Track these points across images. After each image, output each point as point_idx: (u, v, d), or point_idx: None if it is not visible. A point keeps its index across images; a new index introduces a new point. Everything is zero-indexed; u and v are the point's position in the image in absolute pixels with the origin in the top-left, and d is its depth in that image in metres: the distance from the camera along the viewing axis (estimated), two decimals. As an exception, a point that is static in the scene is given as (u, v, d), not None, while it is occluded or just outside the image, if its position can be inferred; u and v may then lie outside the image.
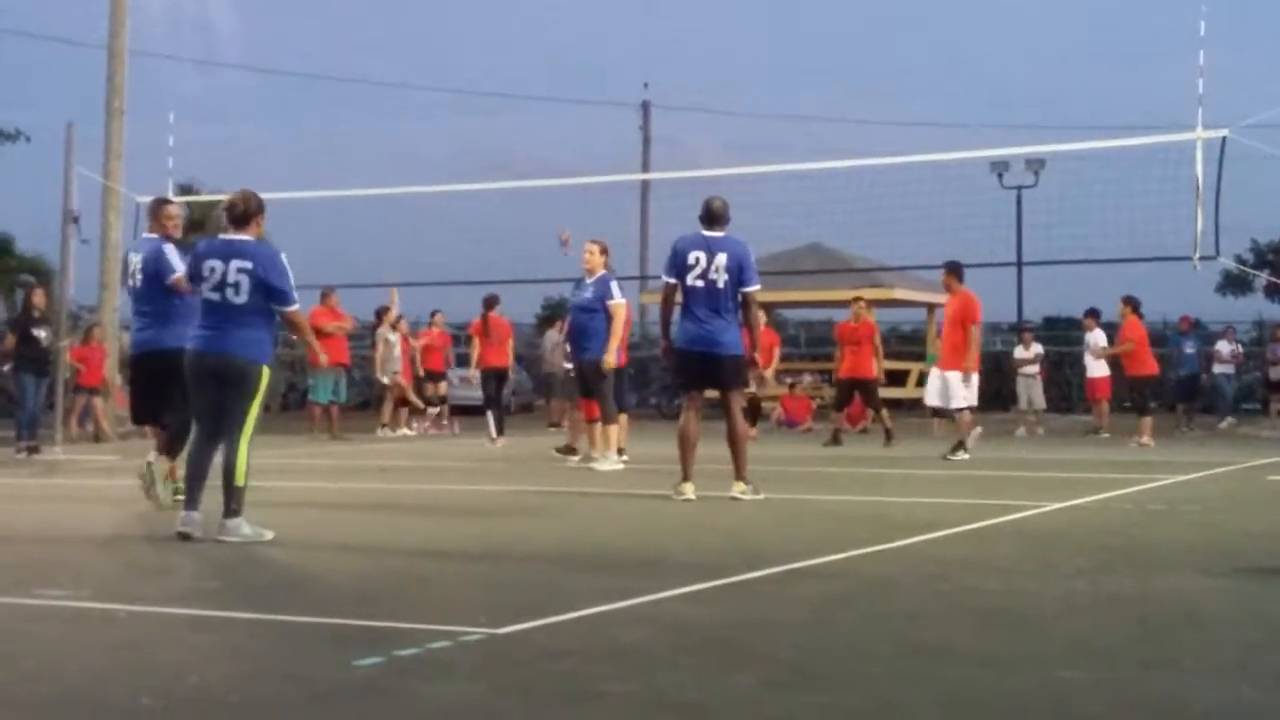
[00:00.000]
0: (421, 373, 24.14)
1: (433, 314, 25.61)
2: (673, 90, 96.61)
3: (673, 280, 10.69)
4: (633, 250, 44.82)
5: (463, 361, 30.63)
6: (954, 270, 16.42)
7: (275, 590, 6.71)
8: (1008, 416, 26.26)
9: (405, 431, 23.23)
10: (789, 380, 27.84)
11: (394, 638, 5.19)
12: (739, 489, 10.62)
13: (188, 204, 18.53)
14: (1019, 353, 25.38)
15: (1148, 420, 19.59)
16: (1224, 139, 15.44)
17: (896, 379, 28.56)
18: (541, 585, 6.69)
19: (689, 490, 10.61)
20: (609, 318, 14.39)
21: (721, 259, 10.49)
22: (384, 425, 22.91)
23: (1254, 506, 10.88)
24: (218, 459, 8.33)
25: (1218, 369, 27.91)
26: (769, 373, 20.35)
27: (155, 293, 10.19)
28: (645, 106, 50.28)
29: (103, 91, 22.85)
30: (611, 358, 14.25)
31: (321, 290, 22.56)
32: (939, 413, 18.55)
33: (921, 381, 26.11)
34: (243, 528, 8.06)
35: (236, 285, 8.22)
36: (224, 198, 8.75)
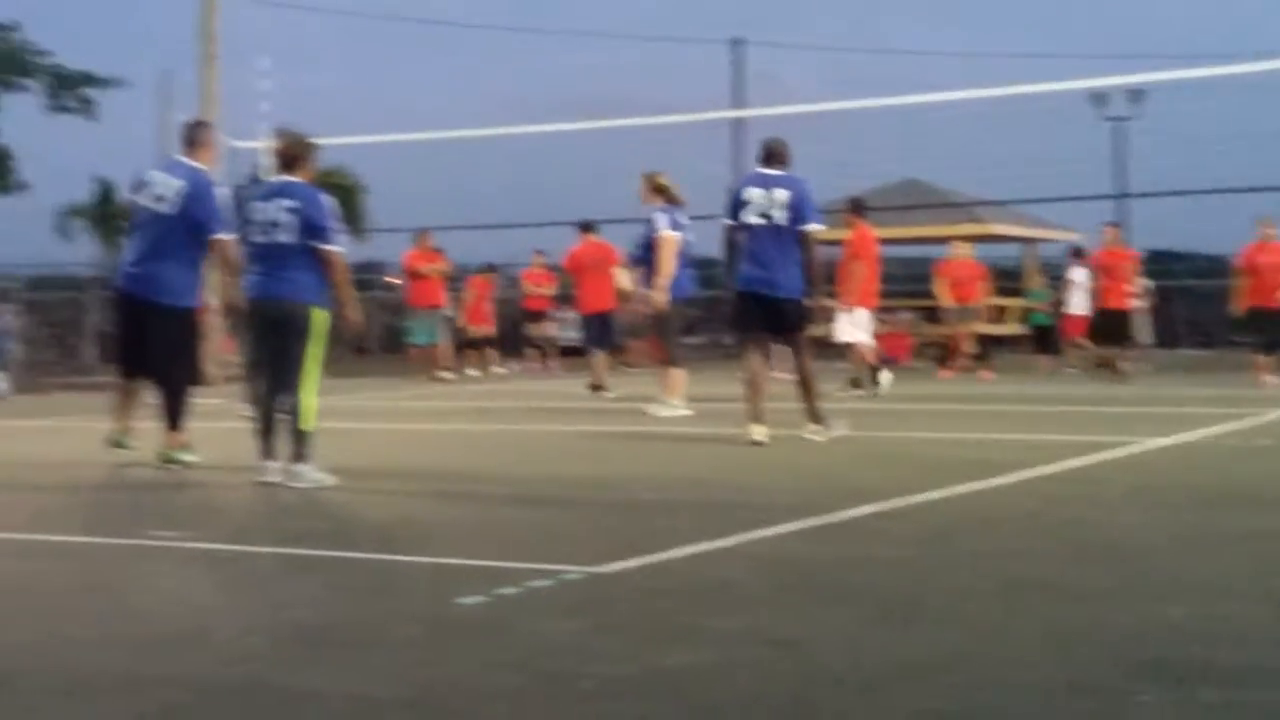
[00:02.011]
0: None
1: (535, 253, 25.70)
2: (766, 25, 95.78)
3: (731, 221, 10.30)
4: (724, 190, 44.66)
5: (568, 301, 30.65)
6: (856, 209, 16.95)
7: (377, 531, 6.78)
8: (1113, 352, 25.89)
9: (498, 370, 23.38)
10: (883, 317, 27.63)
11: (495, 576, 5.23)
12: (810, 429, 10.31)
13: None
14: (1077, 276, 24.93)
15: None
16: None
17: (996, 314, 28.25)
18: (640, 525, 6.71)
19: (757, 432, 10.07)
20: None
21: (781, 195, 10.10)
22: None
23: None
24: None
25: None
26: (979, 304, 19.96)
27: (176, 230, 8.97)
28: (737, 43, 49.83)
29: (196, 38, 23.02)
30: (658, 295, 13.53)
31: (416, 232, 22.69)
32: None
33: (1023, 319, 25.86)
34: (311, 473, 7.98)
35: (282, 224, 8.13)
36: (317, 142, 8.61)
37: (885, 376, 16.28)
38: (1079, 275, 22.22)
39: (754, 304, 10.23)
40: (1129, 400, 14.96)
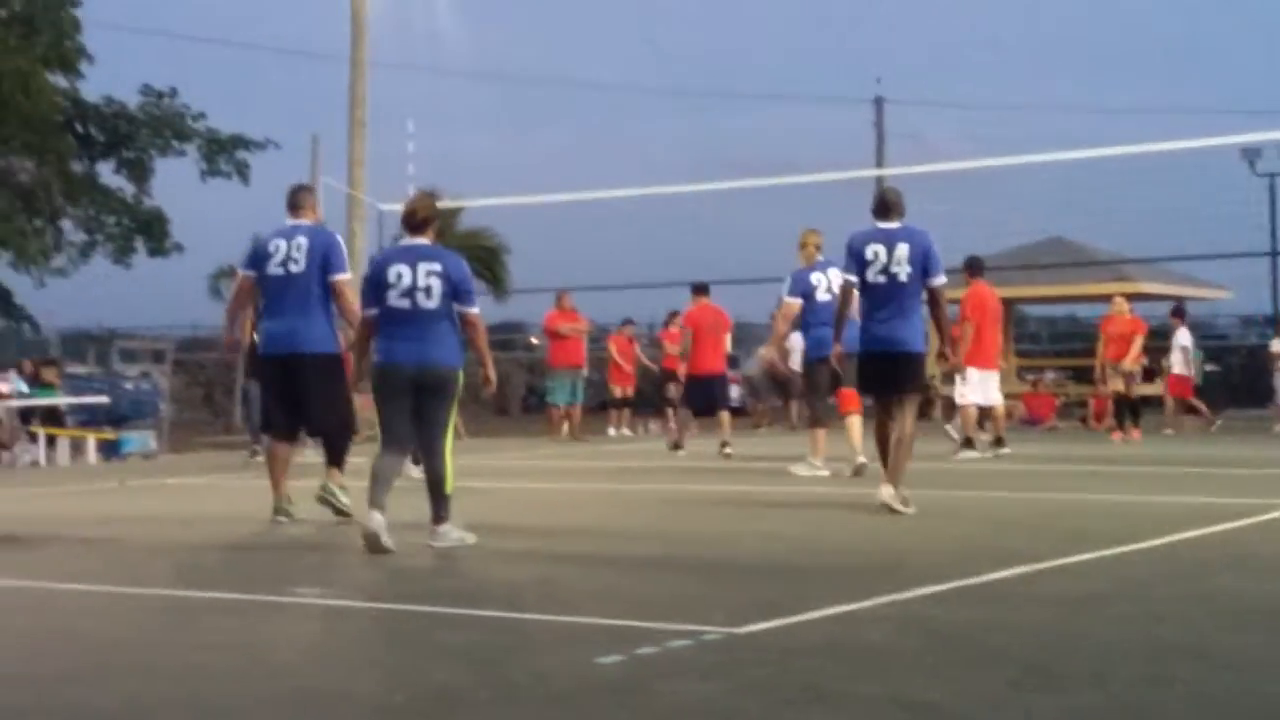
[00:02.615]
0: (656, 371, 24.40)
1: (670, 315, 25.77)
2: (906, 84, 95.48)
3: (852, 279, 9.85)
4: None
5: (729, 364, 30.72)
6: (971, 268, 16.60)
7: (516, 590, 6.80)
8: (1264, 413, 25.30)
9: (624, 432, 23.48)
10: (1031, 377, 27.29)
11: (634, 636, 5.23)
12: (887, 493, 9.52)
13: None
14: (1276, 346, 24.41)
15: None
16: None
17: (1146, 375, 27.77)
18: (779, 585, 6.66)
19: (886, 493, 9.53)
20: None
21: (903, 251, 9.68)
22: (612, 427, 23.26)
23: None
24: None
25: None
26: (1129, 364, 19.50)
27: (311, 285, 9.30)
28: (879, 101, 49.75)
29: (345, 103, 23.50)
30: (767, 353, 13.05)
31: (556, 293, 22.88)
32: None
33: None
34: (452, 533, 8.03)
35: (428, 289, 8.06)
36: (459, 204, 8.91)
37: (981, 443, 15.96)
38: (1183, 337, 22.09)
39: (875, 363, 9.84)
40: (1269, 463, 14.56)
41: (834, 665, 4.85)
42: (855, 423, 12.97)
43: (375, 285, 8.17)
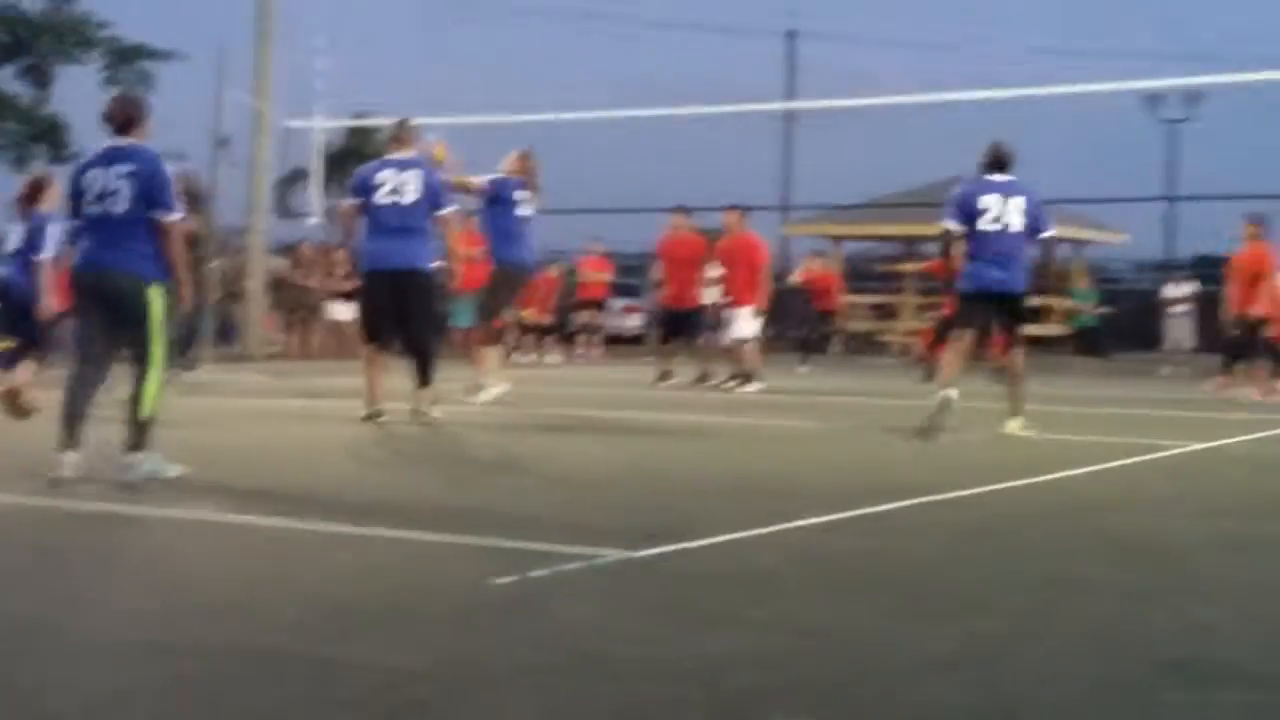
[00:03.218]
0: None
1: (592, 241, 25.79)
2: (818, 19, 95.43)
3: (953, 227, 10.80)
4: (774, 180, 44.58)
5: (628, 291, 30.61)
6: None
7: (413, 509, 6.81)
8: (1153, 355, 25.78)
9: (551, 359, 23.60)
10: (931, 315, 27.59)
11: (528, 559, 5.26)
12: (1013, 425, 10.63)
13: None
14: (1168, 291, 24.85)
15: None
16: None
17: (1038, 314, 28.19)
18: (674, 512, 6.73)
19: (953, 391, 10.66)
20: None
21: (1018, 202, 10.63)
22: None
23: None
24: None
25: None
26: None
27: (420, 213, 10.58)
28: (791, 35, 49.76)
29: (254, 16, 23.14)
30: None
31: (465, 215, 22.75)
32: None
33: (1066, 320, 25.75)
34: (145, 464, 7.21)
35: (116, 193, 7.27)
36: (389, 123, 8.85)
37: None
38: None
39: (986, 302, 10.72)
40: (1172, 404, 14.88)
41: (724, 590, 4.92)
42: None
43: (72, 193, 7.51)
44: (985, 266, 10.67)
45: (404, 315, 10.59)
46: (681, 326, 17.27)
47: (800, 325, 25.07)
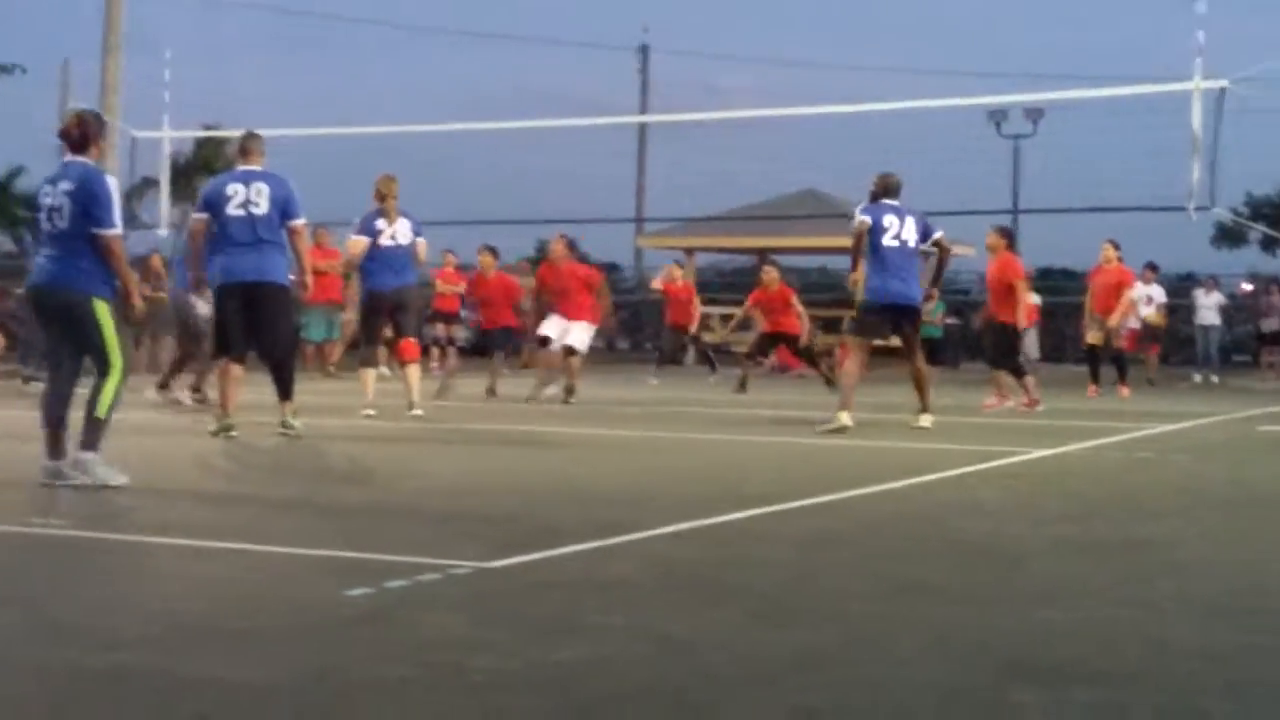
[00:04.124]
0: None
1: (445, 253, 25.61)
2: (672, 34, 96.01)
3: (868, 220, 12.15)
4: (630, 193, 44.74)
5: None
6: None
7: (266, 523, 6.76)
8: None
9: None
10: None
11: (384, 570, 5.24)
12: (925, 420, 12.32)
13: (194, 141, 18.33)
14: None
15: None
16: (1222, 90, 15.42)
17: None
18: (528, 523, 6.74)
19: (846, 418, 11.83)
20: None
21: (911, 222, 12.22)
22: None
23: (1241, 455, 10.95)
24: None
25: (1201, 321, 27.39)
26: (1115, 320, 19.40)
27: (273, 225, 10.56)
28: (644, 50, 50.02)
29: (101, 28, 22.74)
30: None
31: (314, 229, 22.52)
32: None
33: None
34: (98, 466, 7.57)
35: (60, 209, 7.65)
36: (238, 134, 8.78)
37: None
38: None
39: (890, 313, 12.29)
40: (1015, 413, 15.20)
41: (580, 599, 4.94)
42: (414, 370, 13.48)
43: (36, 209, 7.96)
44: (888, 280, 12.17)
45: (259, 327, 10.59)
46: (495, 342, 17.74)
47: (656, 337, 25.21)
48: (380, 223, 13.09)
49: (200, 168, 26.29)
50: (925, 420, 12.33)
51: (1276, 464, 10.29)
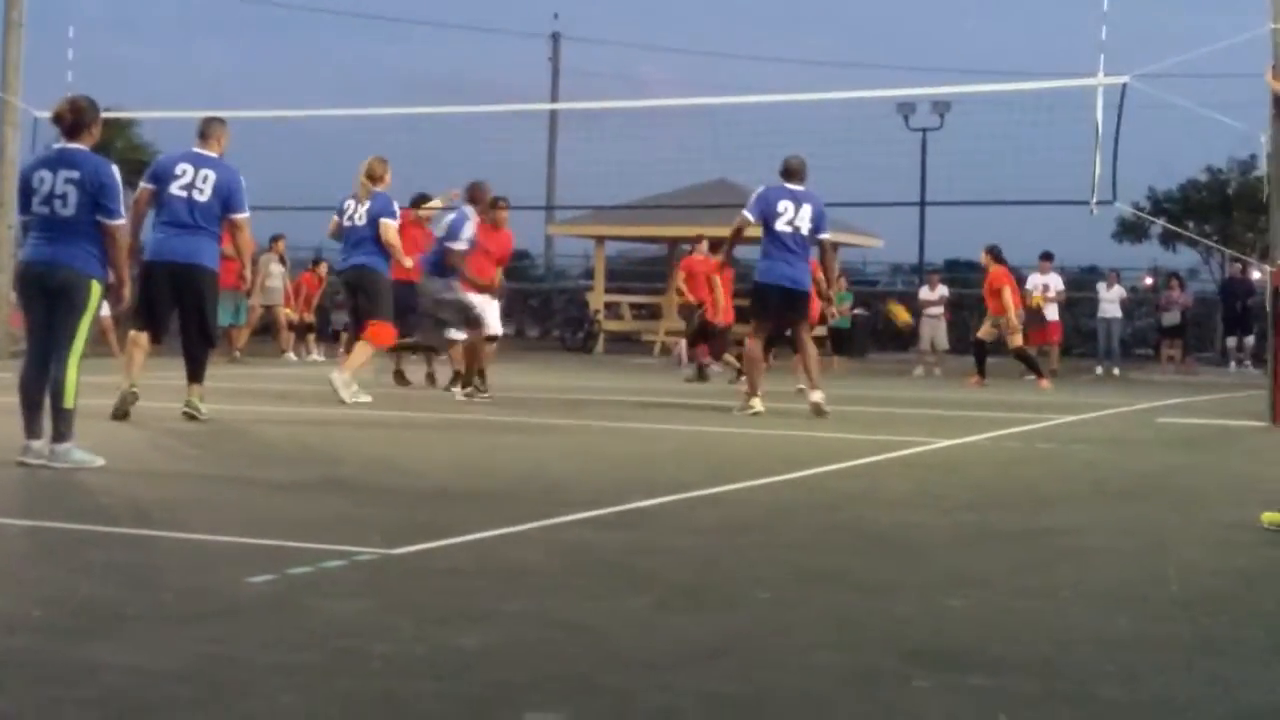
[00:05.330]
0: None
1: None
2: (590, 23, 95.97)
3: (752, 218, 12.38)
4: (540, 181, 44.63)
5: None
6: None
7: (167, 509, 6.68)
8: (907, 356, 26.56)
9: (315, 357, 23.39)
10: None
11: (287, 556, 5.21)
12: (818, 396, 12.44)
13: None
14: (924, 294, 25.58)
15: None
16: (1124, 86, 15.62)
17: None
18: (435, 508, 6.73)
19: (758, 404, 12.32)
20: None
21: (807, 210, 12.27)
22: (284, 352, 23.36)
23: (1140, 447, 11.12)
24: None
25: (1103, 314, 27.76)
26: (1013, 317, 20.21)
27: (211, 211, 10.58)
28: (555, 38, 49.95)
29: (1, 4, 22.31)
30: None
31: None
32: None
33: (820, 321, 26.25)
34: (74, 453, 7.70)
35: (64, 197, 7.81)
36: (124, 115, 8.74)
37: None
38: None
39: (778, 294, 12.39)
40: (921, 403, 15.36)
41: (486, 585, 4.93)
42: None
43: (22, 191, 8.00)
44: (777, 263, 12.30)
45: (182, 309, 10.61)
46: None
47: (564, 325, 25.19)
48: (349, 203, 13.52)
49: (101, 148, 25.90)
50: (816, 395, 12.41)
51: (1175, 455, 10.46)
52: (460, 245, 13.44)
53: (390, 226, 13.38)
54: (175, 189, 10.48)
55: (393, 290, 13.55)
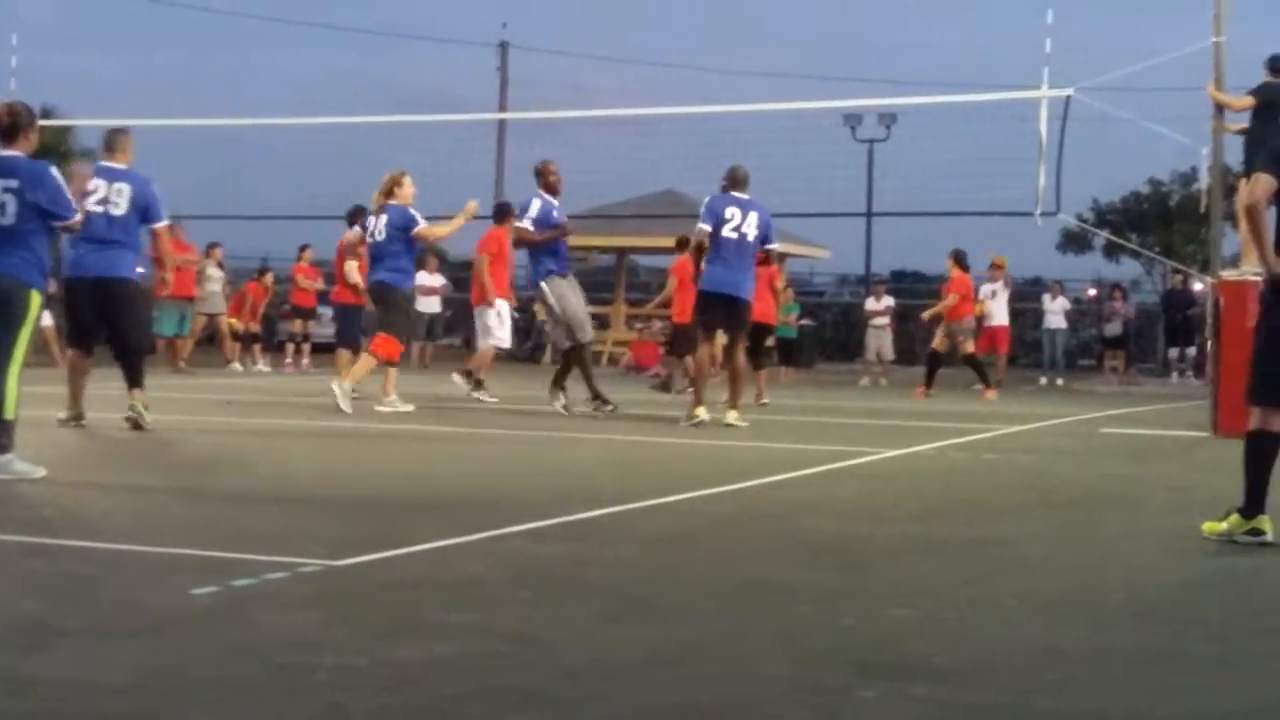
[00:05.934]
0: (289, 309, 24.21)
1: (301, 249, 25.31)
2: (536, 33, 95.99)
3: (708, 229, 12.35)
4: (489, 190, 44.56)
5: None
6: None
7: (110, 521, 6.62)
8: (854, 367, 26.66)
9: (261, 367, 23.32)
10: (639, 326, 28.02)
11: (230, 568, 5.17)
12: (732, 416, 12.32)
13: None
14: (870, 304, 25.70)
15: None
16: (1068, 98, 15.74)
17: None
18: (380, 520, 6.69)
19: (702, 413, 12.29)
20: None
21: (754, 217, 12.33)
22: (229, 361, 23.24)
23: (1084, 457, 11.19)
24: None
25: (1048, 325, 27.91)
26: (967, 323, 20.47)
27: (130, 223, 10.55)
28: (504, 47, 49.86)
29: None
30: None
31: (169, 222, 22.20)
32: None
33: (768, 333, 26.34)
34: (15, 464, 7.61)
35: (2, 206, 7.81)
36: (77, 123, 8.77)
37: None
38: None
39: (720, 302, 12.34)
40: (868, 414, 15.42)
41: (430, 597, 4.91)
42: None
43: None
44: (722, 270, 12.30)
45: (109, 321, 10.57)
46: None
47: (512, 334, 24.99)
48: (370, 219, 13.72)
49: (40, 153, 25.69)
50: (732, 416, 12.34)
51: (1118, 465, 10.54)
52: (525, 224, 13.63)
53: (423, 231, 13.55)
54: (90, 205, 10.25)
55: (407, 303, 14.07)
